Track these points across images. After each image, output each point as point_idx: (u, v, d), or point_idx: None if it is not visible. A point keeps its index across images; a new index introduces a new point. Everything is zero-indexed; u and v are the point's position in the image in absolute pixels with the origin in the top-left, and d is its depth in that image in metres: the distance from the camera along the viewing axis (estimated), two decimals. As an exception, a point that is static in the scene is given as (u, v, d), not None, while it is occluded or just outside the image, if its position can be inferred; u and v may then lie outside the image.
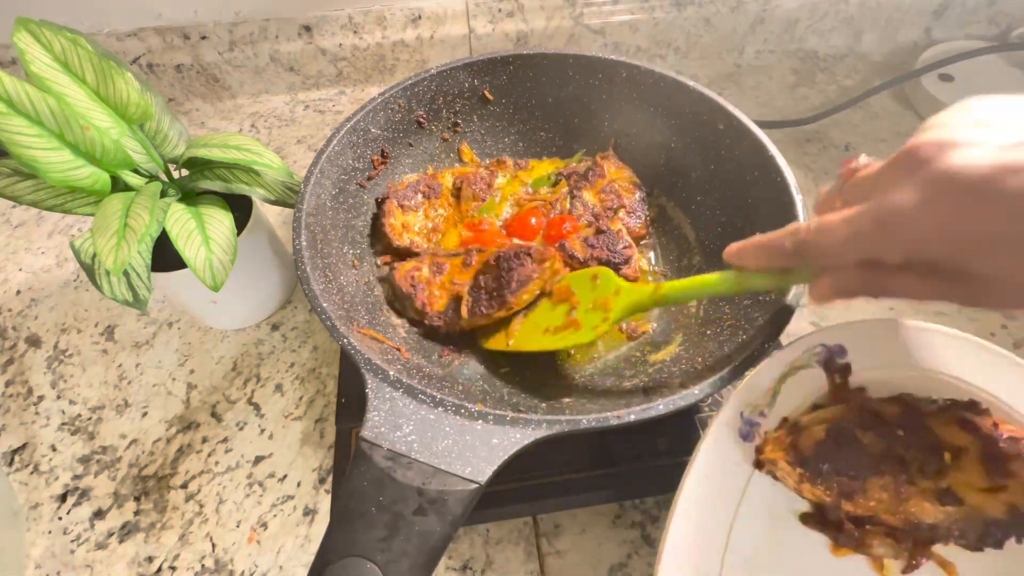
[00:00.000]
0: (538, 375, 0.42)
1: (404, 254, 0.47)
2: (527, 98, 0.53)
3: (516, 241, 0.48)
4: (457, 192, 0.51)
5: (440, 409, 0.30)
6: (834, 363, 0.30)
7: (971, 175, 0.21)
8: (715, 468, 0.28)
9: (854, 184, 0.27)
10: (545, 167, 0.53)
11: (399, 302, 0.45)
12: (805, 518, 0.29)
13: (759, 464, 0.28)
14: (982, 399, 0.29)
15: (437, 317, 0.43)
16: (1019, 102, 0.23)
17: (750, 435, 0.29)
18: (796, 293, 0.34)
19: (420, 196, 0.49)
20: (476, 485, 0.28)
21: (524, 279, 0.41)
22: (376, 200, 0.49)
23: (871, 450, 0.27)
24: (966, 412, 0.28)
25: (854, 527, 0.28)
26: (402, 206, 0.48)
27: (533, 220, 0.49)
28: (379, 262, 0.48)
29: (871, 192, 0.24)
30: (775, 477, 0.28)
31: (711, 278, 0.33)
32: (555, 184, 0.52)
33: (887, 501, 0.27)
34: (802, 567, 0.28)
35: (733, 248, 0.31)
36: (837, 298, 0.28)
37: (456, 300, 0.43)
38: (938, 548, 0.28)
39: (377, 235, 0.48)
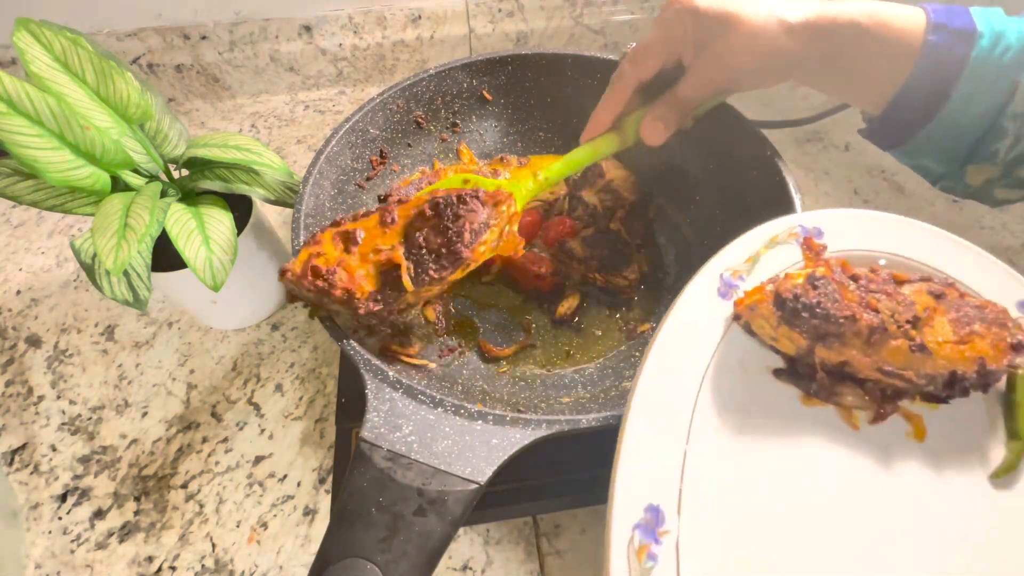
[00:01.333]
0: (538, 375, 0.42)
1: None
2: (526, 98, 0.53)
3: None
4: None
5: (440, 409, 0.30)
6: (811, 242, 0.32)
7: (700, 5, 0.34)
8: (690, 321, 0.29)
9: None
10: (545, 162, 0.53)
11: (312, 307, 0.35)
12: (778, 373, 0.30)
13: (737, 316, 0.29)
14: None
15: (372, 302, 0.33)
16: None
17: (728, 294, 0.30)
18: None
19: None
20: (476, 485, 0.28)
21: (478, 227, 0.33)
22: (379, 197, 0.49)
23: (848, 298, 0.28)
24: (935, 283, 0.30)
25: (826, 376, 0.29)
26: None
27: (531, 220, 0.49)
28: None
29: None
30: (750, 332, 0.30)
31: (576, 152, 0.39)
32: (555, 184, 0.52)
33: (861, 347, 0.28)
34: (775, 416, 0.29)
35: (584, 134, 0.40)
36: (665, 131, 0.37)
37: (390, 271, 0.33)
38: (905, 403, 0.30)
39: None
